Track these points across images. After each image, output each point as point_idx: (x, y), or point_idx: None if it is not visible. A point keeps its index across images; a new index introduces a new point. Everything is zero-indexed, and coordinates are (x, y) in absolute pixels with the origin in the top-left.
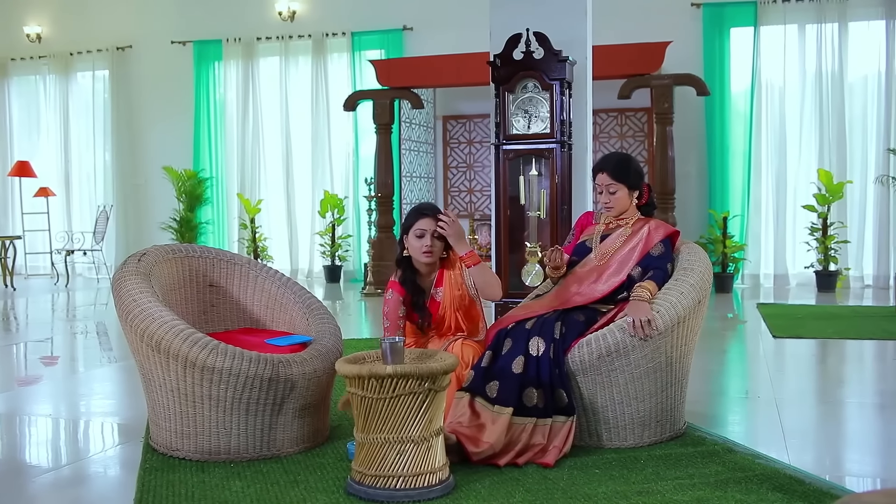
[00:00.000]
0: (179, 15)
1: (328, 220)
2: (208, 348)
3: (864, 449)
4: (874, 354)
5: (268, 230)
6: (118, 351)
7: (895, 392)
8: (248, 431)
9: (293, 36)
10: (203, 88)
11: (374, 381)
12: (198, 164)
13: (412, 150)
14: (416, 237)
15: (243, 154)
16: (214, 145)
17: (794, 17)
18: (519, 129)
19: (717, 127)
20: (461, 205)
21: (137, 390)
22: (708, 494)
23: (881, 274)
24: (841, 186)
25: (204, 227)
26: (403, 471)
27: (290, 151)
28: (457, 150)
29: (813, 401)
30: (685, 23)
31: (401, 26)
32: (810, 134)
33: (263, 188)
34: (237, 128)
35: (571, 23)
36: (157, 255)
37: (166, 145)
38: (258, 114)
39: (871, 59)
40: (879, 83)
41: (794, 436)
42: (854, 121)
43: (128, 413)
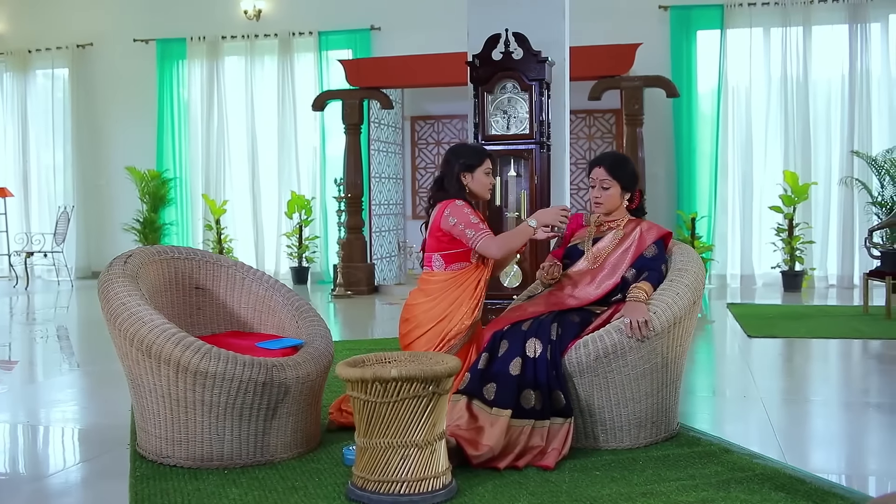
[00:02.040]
0: (142, 13)
1: (295, 221)
2: (201, 352)
3: (858, 447)
4: (849, 353)
5: (233, 231)
6: (81, 355)
7: (879, 390)
8: (242, 437)
9: (259, 35)
10: (166, 87)
11: (377, 385)
12: (161, 164)
13: (381, 151)
14: (484, 174)
15: (208, 154)
16: (178, 145)
17: (759, 21)
18: (498, 130)
19: (684, 128)
20: None
21: (109, 395)
22: (711, 495)
23: (845, 274)
24: (806, 188)
25: (168, 228)
26: (407, 476)
27: (255, 152)
28: (425, 151)
29: (798, 400)
30: (653, 25)
31: (368, 26)
32: (776, 136)
33: (229, 189)
34: (202, 128)
35: (549, 24)
36: (142, 257)
37: (129, 145)
38: (223, 113)
39: (834, 62)
40: (843, 86)
41: (786, 435)
42: (818, 123)
43: (106, 420)
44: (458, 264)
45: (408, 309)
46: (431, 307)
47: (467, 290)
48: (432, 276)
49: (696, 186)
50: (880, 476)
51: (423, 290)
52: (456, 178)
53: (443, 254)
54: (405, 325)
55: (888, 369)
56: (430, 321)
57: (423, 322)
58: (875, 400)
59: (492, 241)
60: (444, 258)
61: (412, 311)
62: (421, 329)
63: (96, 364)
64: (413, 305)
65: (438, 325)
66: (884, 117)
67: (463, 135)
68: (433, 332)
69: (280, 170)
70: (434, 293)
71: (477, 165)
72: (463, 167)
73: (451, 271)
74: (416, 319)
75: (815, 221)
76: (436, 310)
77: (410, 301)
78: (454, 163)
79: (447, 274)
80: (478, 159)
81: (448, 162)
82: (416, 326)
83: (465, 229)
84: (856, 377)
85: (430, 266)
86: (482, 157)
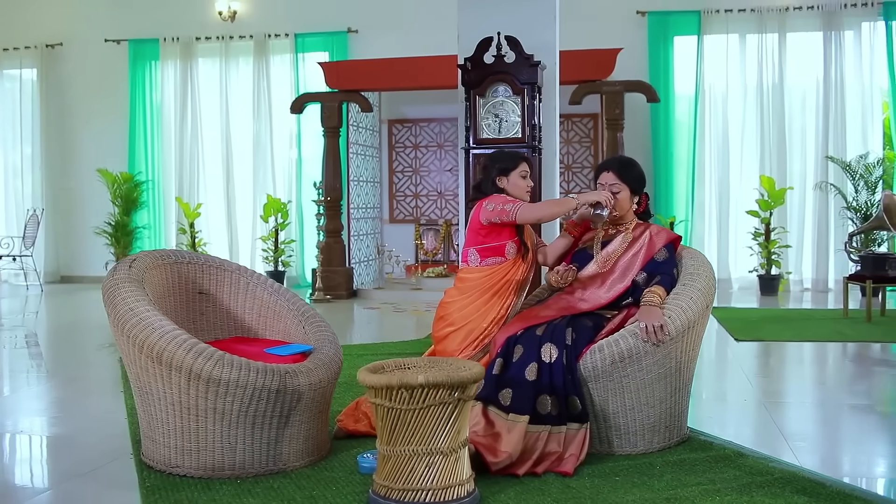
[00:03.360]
0: (113, 12)
1: (271, 224)
2: (213, 359)
3: (867, 450)
4: (838, 356)
5: (207, 235)
6: (52, 363)
7: (876, 393)
8: (255, 446)
9: (234, 36)
10: (139, 89)
11: (403, 392)
12: (133, 166)
13: (359, 154)
14: (521, 177)
15: (181, 157)
16: (151, 147)
17: (736, 27)
18: (490, 134)
19: (661, 133)
20: (406, 209)
21: (94, 403)
22: (735, 499)
23: (820, 278)
24: (783, 192)
25: (140, 231)
26: (433, 484)
27: (230, 154)
28: (402, 155)
29: (799, 403)
30: (630, 30)
31: (345, 28)
32: (752, 141)
33: (202, 192)
34: (175, 130)
35: (540, 27)
36: (146, 261)
37: (100, 147)
38: (197, 115)
39: (809, 69)
40: (817, 92)
41: (795, 438)
42: (793, 129)
43: (98, 428)
44: (493, 259)
45: (443, 307)
46: (466, 304)
47: (502, 289)
48: (468, 274)
49: (674, 191)
50: (892, 479)
51: (459, 288)
52: (493, 183)
53: (479, 248)
54: (440, 322)
55: (881, 371)
56: (463, 319)
57: (456, 320)
58: (874, 402)
59: (530, 206)
60: (479, 252)
61: (447, 309)
62: (454, 326)
63: (72, 371)
64: (448, 303)
65: (471, 323)
66: (857, 123)
67: (441, 138)
68: (465, 329)
69: (255, 173)
70: (469, 291)
71: (512, 169)
72: (499, 171)
73: (486, 266)
74: (451, 317)
75: (791, 226)
76: (470, 307)
77: (446, 299)
78: (491, 168)
79: (483, 271)
80: (513, 163)
81: (485, 168)
82: (450, 324)
83: (504, 205)
84: (850, 380)
85: (465, 261)
86: (517, 160)
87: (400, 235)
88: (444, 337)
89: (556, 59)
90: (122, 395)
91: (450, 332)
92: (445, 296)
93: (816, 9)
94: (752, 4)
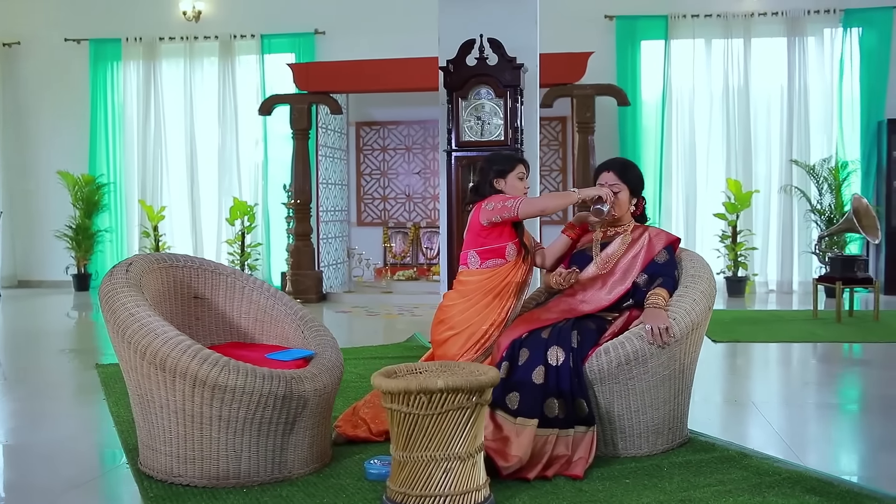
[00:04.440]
0: (73, 11)
1: (237, 227)
2: (219, 365)
3: (865, 449)
4: (815, 356)
5: (171, 238)
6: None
7: (854, 392)
8: (260, 453)
9: (199, 37)
10: (100, 90)
11: (422, 397)
12: (95, 168)
13: (327, 157)
14: (518, 179)
15: (145, 159)
16: (113, 149)
17: (702, 32)
18: (472, 136)
19: (629, 137)
20: (374, 212)
21: (71, 412)
22: (748, 500)
23: (785, 279)
24: (749, 195)
25: (102, 234)
26: (450, 489)
27: (194, 156)
28: (370, 157)
29: (789, 403)
30: (599, 35)
31: (312, 30)
32: (718, 144)
33: (166, 194)
34: (138, 131)
35: (521, 30)
36: (142, 265)
37: (60, 149)
38: (160, 117)
39: (773, 74)
40: (782, 97)
41: (792, 438)
42: (759, 133)
43: (84, 437)
44: (493, 261)
45: (443, 310)
46: (467, 307)
47: (503, 291)
48: (468, 276)
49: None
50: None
51: (459, 291)
52: (490, 185)
53: (479, 250)
54: (440, 326)
55: (862, 372)
56: (464, 322)
57: (457, 323)
58: (863, 401)
59: (531, 199)
60: (479, 254)
61: (447, 312)
62: (454, 330)
63: (40, 378)
64: (448, 306)
65: (472, 326)
66: (820, 128)
67: (409, 141)
68: (466, 333)
69: (220, 175)
70: (469, 294)
71: (509, 171)
72: (496, 173)
73: (486, 269)
74: (451, 321)
75: (756, 228)
76: (471, 311)
77: (446, 302)
78: (488, 170)
79: (483, 273)
80: (510, 165)
81: (482, 170)
82: (450, 328)
83: (505, 202)
84: (835, 380)
85: (465, 264)
86: (514, 162)
87: (368, 238)
88: (445, 341)
89: (537, 61)
90: (105, 403)
91: (450, 335)
92: (445, 299)
93: (781, 15)
94: (718, 10)
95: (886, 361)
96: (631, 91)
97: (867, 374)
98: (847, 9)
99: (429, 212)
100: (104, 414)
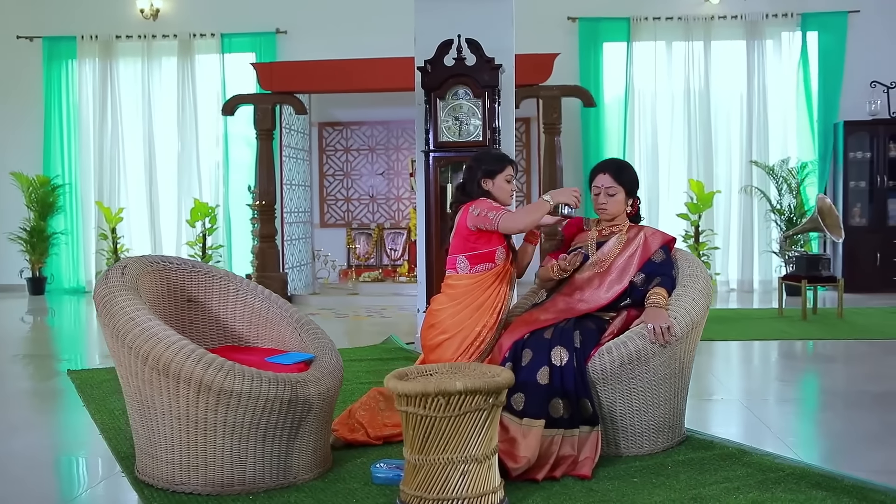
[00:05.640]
0: (26, 7)
1: (199, 229)
2: (224, 370)
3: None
4: (788, 353)
5: (130, 241)
6: None
7: (839, 387)
8: (265, 459)
9: (157, 35)
10: (54, 88)
11: (440, 399)
12: (49, 169)
13: (291, 158)
14: (506, 181)
15: (101, 159)
16: (68, 150)
17: (663, 35)
18: (450, 137)
19: (592, 138)
20: (338, 214)
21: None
22: (759, 497)
23: (745, 278)
24: (711, 196)
25: (58, 237)
26: (467, 492)
27: (153, 157)
28: (333, 158)
29: (774, 400)
30: (562, 36)
31: (273, 29)
32: (680, 145)
33: (124, 196)
34: (94, 131)
35: (497, 31)
36: (137, 268)
37: (12, 149)
38: (117, 117)
39: (733, 76)
40: (741, 99)
41: (785, 434)
42: (719, 134)
43: (77, 446)
44: (483, 265)
45: (433, 314)
46: (458, 311)
47: (494, 293)
48: (457, 280)
49: None
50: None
51: (449, 295)
52: (478, 184)
53: (468, 255)
54: (431, 330)
55: (838, 368)
56: (456, 326)
57: (449, 327)
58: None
59: (511, 216)
60: (469, 259)
61: (438, 317)
62: (447, 334)
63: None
64: (438, 310)
65: (464, 329)
66: (778, 129)
67: (372, 142)
68: (459, 336)
69: (180, 176)
70: (459, 297)
71: (498, 172)
72: (484, 173)
73: (475, 273)
74: (443, 325)
75: (717, 228)
76: (462, 314)
77: (435, 307)
78: (476, 169)
79: (472, 277)
80: (499, 166)
81: (470, 168)
82: (442, 332)
83: (488, 212)
84: (813, 376)
85: (453, 269)
86: (503, 163)
87: (331, 240)
88: (438, 345)
89: (513, 62)
90: (85, 410)
91: (443, 339)
92: (434, 303)
93: (740, 18)
94: (679, 13)
95: (861, 357)
96: (594, 92)
97: (845, 370)
98: (804, 13)
99: (393, 213)
100: (86, 421)
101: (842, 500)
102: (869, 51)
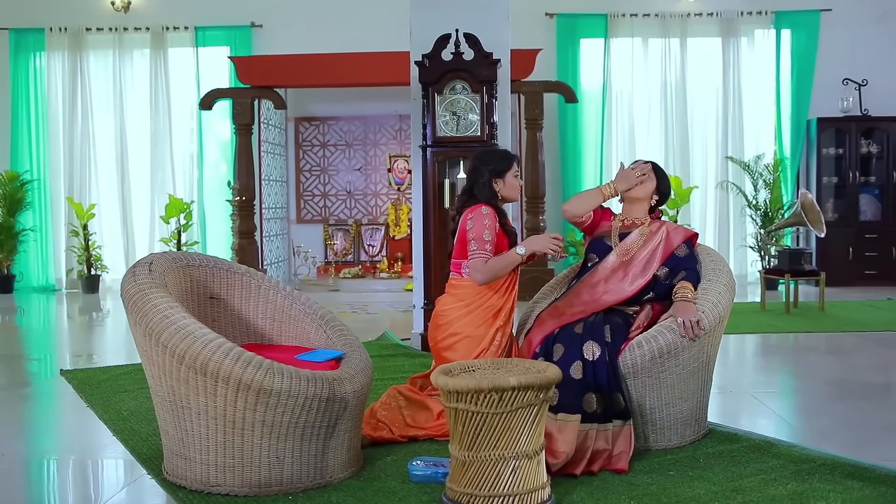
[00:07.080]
0: None
1: (173, 225)
2: (263, 368)
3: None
4: (782, 346)
5: (101, 237)
6: None
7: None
8: (303, 458)
9: (129, 28)
10: (21, 82)
11: (493, 395)
12: (17, 164)
13: (268, 153)
14: (514, 177)
15: (71, 154)
16: (37, 144)
17: (640, 31)
18: (447, 132)
19: (570, 134)
20: (315, 209)
21: (63, 421)
22: (797, 487)
23: None
24: (688, 192)
25: (27, 234)
26: (518, 488)
27: (125, 152)
28: (310, 153)
29: (783, 391)
30: (540, 32)
31: (248, 23)
32: (657, 141)
33: (95, 192)
34: (64, 126)
35: (493, 26)
36: (163, 264)
37: None
38: (88, 111)
39: (709, 73)
40: (717, 95)
41: (806, 426)
42: (695, 130)
43: (94, 449)
44: None
45: (441, 315)
46: (467, 312)
47: (504, 294)
48: (462, 282)
49: (582, 190)
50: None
51: (455, 296)
52: (488, 186)
53: None
54: (439, 330)
55: (830, 360)
56: (468, 326)
57: (460, 328)
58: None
59: (480, 267)
60: None
61: (446, 317)
62: (459, 334)
63: None
64: (445, 311)
65: (479, 329)
66: (753, 125)
67: (349, 137)
68: (475, 337)
69: (153, 171)
70: (465, 297)
71: (506, 170)
72: (493, 173)
73: None
74: (452, 325)
75: (694, 223)
76: (472, 315)
77: (442, 308)
78: (483, 170)
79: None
80: (506, 163)
81: (477, 170)
82: (453, 333)
83: (472, 240)
84: (812, 368)
85: (458, 272)
86: (510, 160)
87: (308, 236)
88: (449, 347)
89: (509, 56)
90: (90, 410)
91: (455, 341)
92: (439, 304)
93: (715, 16)
94: (655, 9)
95: (855, 349)
96: (572, 87)
97: (844, 362)
98: (778, 11)
99: (370, 209)
100: (94, 423)
101: (879, 489)
102: (841, 49)
